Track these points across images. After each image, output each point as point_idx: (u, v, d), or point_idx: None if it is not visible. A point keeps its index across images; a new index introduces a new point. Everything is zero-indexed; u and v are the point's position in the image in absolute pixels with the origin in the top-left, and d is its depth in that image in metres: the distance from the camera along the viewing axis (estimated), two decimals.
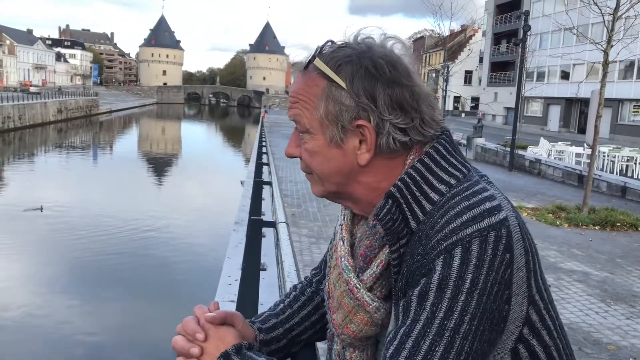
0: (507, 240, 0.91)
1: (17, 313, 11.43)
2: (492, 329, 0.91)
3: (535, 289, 0.97)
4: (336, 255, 1.15)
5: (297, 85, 1.08)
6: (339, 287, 1.11)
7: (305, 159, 1.09)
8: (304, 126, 1.06)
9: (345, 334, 1.10)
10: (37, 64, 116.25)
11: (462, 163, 1.06)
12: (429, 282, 0.91)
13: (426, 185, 1.01)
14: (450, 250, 0.91)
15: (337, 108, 1.03)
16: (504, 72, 61.00)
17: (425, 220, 0.98)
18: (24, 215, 19.59)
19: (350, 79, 1.01)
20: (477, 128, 26.32)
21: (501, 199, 0.98)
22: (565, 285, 7.15)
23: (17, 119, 49.29)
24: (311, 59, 1.06)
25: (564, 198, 13.98)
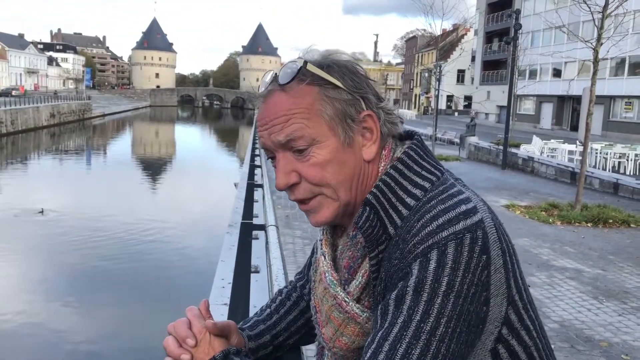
0: (483, 242, 0.92)
1: (12, 316, 11.38)
2: (469, 331, 0.92)
3: (515, 289, 0.98)
4: (319, 270, 1.15)
5: (284, 103, 1.04)
6: (326, 301, 1.11)
7: (315, 176, 1.04)
8: (310, 137, 1.03)
9: (337, 347, 1.10)
10: (29, 68, 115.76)
11: (435, 166, 1.08)
12: (406, 286, 0.92)
13: (401, 190, 1.03)
14: (427, 254, 0.92)
15: (342, 105, 1.04)
16: (496, 70, 61.21)
17: (402, 225, 0.99)
18: (20, 219, 19.51)
19: (340, 76, 1.04)
20: (469, 127, 26.41)
21: (477, 201, 1.00)
22: (557, 282, 7.19)
23: (9, 123, 49.06)
24: (294, 74, 1.04)
25: (557, 196, 14.04)
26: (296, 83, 1.03)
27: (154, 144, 58.75)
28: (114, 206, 22.83)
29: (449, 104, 76.63)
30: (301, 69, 1.04)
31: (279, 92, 1.05)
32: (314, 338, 1.33)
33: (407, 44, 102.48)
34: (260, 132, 1.08)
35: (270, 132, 1.05)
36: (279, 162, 1.06)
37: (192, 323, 1.11)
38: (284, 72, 1.05)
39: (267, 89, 1.08)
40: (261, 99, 1.10)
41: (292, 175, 1.05)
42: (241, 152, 40.79)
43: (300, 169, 1.05)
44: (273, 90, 1.06)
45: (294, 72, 1.04)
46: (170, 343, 1.09)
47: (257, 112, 1.11)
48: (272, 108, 1.05)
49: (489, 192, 14.36)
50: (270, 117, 1.05)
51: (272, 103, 1.06)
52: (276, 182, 1.07)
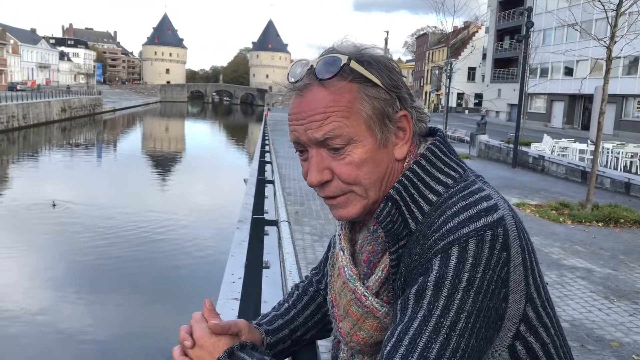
0: (503, 239, 0.93)
1: (23, 309, 11.49)
2: (488, 327, 0.93)
3: (533, 286, 0.98)
4: (338, 265, 1.16)
5: (323, 100, 1.02)
6: (344, 296, 1.11)
7: (349, 175, 1.03)
8: (348, 137, 1.01)
9: (354, 341, 1.10)
10: (40, 63, 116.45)
11: (458, 163, 1.08)
12: (426, 281, 0.93)
13: (424, 186, 1.03)
14: (447, 250, 0.92)
15: (381, 104, 1.03)
16: (507, 68, 60.89)
17: (423, 220, 1.00)
18: (32, 211, 19.69)
19: (379, 74, 1.03)
20: (480, 125, 26.29)
21: (497, 198, 1.00)
22: (568, 282, 7.16)
23: (21, 118, 49.44)
24: (336, 69, 1.01)
25: (568, 195, 13.96)
26: (337, 79, 1.02)
27: (164, 140, 58.97)
28: (124, 201, 22.97)
29: (460, 102, 76.33)
30: (344, 66, 1.02)
31: (318, 87, 1.03)
32: (329, 333, 1.34)
33: (417, 41, 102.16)
34: (294, 125, 1.06)
35: (307, 128, 1.03)
36: (312, 159, 1.05)
37: (194, 328, 1.09)
38: (325, 67, 1.03)
39: (303, 81, 1.04)
40: (295, 91, 1.07)
41: (325, 172, 1.04)
42: (250, 148, 40.88)
43: (334, 167, 1.04)
44: (310, 84, 1.03)
45: (337, 68, 1.01)
46: (175, 351, 1.09)
47: (290, 105, 1.07)
48: (310, 103, 1.03)
49: (500, 191, 14.21)
50: (308, 112, 1.03)
51: (310, 98, 1.03)
52: (308, 179, 1.06)
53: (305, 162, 1.08)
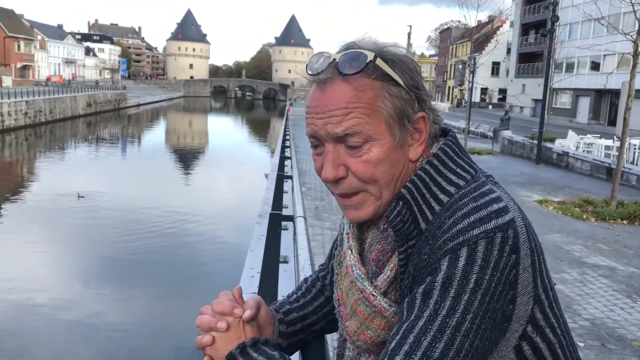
0: (513, 242, 0.93)
1: (48, 300, 11.74)
2: (494, 328, 0.93)
3: (541, 288, 0.99)
4: (345, 263, 1.16)
5: (345, 95, 1.01)
6: (352, 295, 1.11)
7: (366, 173, 1.03)
8: (367, 134, 1.01)
9: (361, 340, 1.10)
10: (67, 58, 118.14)
11: (469, 164, 1.08)
12: (434, 281, 0.93)
13: (435, 186, 1.03)
14: (456, 250, 0.93)
15: (402, 104, 1.03)
16: (532, 63, 60.06)
17: (433, 220, 1.00)
18: (59, 204, 20.08)
19: (402, 73, 1.03)
20: (504, 120, 25.98)
21: (508, 200, 1.00)
22: (590, 280, 7.07)
23: (47, 112, 50.30)
24: (362, 65, 1.00)
25: (592, 192, 13.75)
26: (361, 75, 1.00)
27: (187, 134, 59.48)
28: (147, 194, 23.27)
29: (483, 97, 75.54)
30: (369, 63, 1.01)
31: (341, 82, 1.01)
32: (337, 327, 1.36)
33: (441, 36, 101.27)
34: (312, 119, 1.05)
35: (327, 122, 1.02)
36: (328, 154, 1.04)
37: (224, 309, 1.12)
38: (350, 62, 1.01)
39: (325, 75, 1.03)
40: (316, 83, 1.05)
41: (340, 168, 1.04)
42: (272, 143, 41.01)
43: (350, 164, 1.03)
44: (333, 78, 1.02)
45: (362, 64, 1.00)
46: (204, 318, 1.10)
47: (310, 97, 1.06)
48: (332, 98, 1.02)
49: (522, 187, 14.16)
50: (329, 107, 1.02)
51: (331, 92, 1.02)
52: (323, 174, 1.05)
53: (318, 157, 1.08)
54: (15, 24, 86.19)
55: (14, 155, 35.81)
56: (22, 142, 40.81)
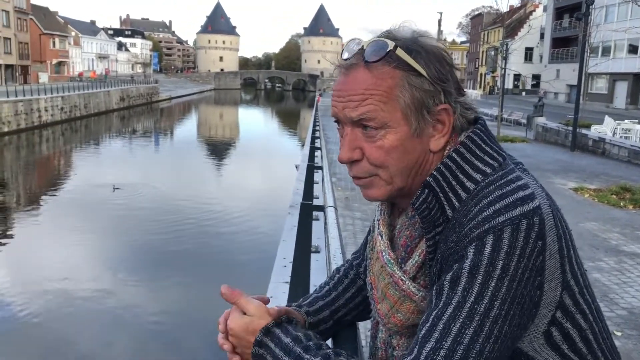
0: (539, 228, 0.94)
1: (83, 289, 12.05)
2: (522, 314, 0.94)
3: (570, 274, 0.99)
4: (376, 249, 1.19)
5: (364, 82, 1.04)
6: (382, 279, 1.14)
7: (377, 158, 1.06)
8: (382, 121, 1.04)
9: (391, 322, 1.13)
10: (100, 53, 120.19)
11: (498, 151, 1.08)
12: (461, 268, 0.95)
13: (462, 174, 1.04)
14: (482, 238, 0.94)
15: (422, 95, 1.04)
16: (566, 48, 58.67)
17: (460, 208, 1.01)
18: (94, 195, 20.57)
19: (426, 65, 1.04)
20: (537, 107, 25.52)
21: (535, 187, 1.00)
22: (627, 268, 6.93)
23: (82, 107, 51.37)
24: (382, 54, 1.03)
25: (630, 179, 13.42)
26: (381, 63, 1.03)
27: (219, 127, 60.04)
28: (180, 186, 23.62)
29: (516, 84, 74.15)
30: (390, 52, 1.03)
31: (363, 68, 1.05)
32: (370, 315, 1.38)
33: (472, 22, 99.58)
34: (335, 101, 1.09)
35: (345, 106, 1.06)
36: (346, 136, 1.08)
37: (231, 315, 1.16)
38: (372, 50, 1.04)
39: (351, 60, 1.07)
40: (342, 69, 1.09)
41: (356, 151, 1.07)
42: (302, 134, 41.10)
43: (365, 148, 1.06)
44: (357, 64, 1.06)
45: (382, 53, 1.03)
46: (220, 330, 1.16)
47: (337, 80, 1.10)
48: (352, 83, 1.05)
49: (557, 175, 13.91)
50: (348, 91, 1.05)
51: (352, 77, 1.06)
52: (340, 155, 1.09)
53: (341, 138, 1.12)
54: (50, 21, 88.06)
55: (51, 150, 36.73)
56: (59, 136, 41.80)
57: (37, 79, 72.62)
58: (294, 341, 1.07)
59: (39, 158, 33.35)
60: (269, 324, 1.10)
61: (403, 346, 1.16)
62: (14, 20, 70.66)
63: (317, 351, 1.04)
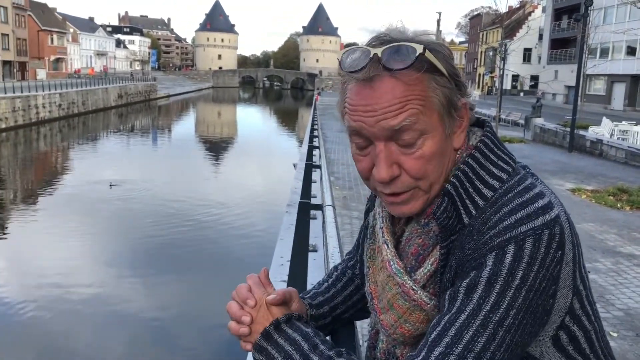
0: (560, 238, 0.93)
1: (81, 286, 12.04)
2: (534, 322, 0.94)
3: (579, 279, 0.99)
4: (381, 258, 1.15)
5: (397, 90, 0.98)
6: (389, 289, 1.11)
7: (419, 169, 1.01)
8: (422, 127, 0.99)
9: (398, 333, 1.10)
10: (98, 50, 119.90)
11: (509, 155, 1.07)
12: (479, 276, 0.93)
13: (479, 181, 1.03)
14: (504, 247, 0.92)
15: (449, 93, 1.02)
16: (564, 49, 58.72)
17: (477, 215, 1.00)
18: (91, 192, 20.53)
19: (443, 62, 1.01)
20: (535, 107, 25.53)
21: (550, 194, 1.00)
22: (624, 269, 6.94)
23: (80, 104, 51.28)
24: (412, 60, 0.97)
25: (627, 180, 13.45)
26: (409, 70, 0.97)
27: (217, 125, 59.98)
28: (178, 184, 23.59)
29: (514, 84, 74.23)
30: (419, 56, 0.97)
31: (389, 77, 0.98)
32: (367, 314, 1.37)
33: (471, 22, 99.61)
34: (360, 116, 1.01)
35: (380, 118, 0.98)
36: (381, 153, 1.01)
37: (252, 289, 1.15)
38: (394, 56, 0.98)
39: (370, 72, 0.99)
40: (359, 81, 1.01)
41: (394, 167, 1.01)
42: (300, 132, 41.10)
43: (403, 162, 1.01)
44: (380, 75, 0.99)
45: (411, 59, 0.97)
46: (232, 306, 1.13)
47: (353, 95, 1.02)
48: (384, 95, 0.98)
49: (554, 176, 13.93)
50: (382, 104, 0.98)
51: (382, 89, 0.98)
52: (378, 175, 1.02)
53: (364, 157, 1.05)
54: (48, 17, 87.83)
55: (48, 146, 36.65)
56: (57, 133, 41.72)
57: (35, 76, 72.42)
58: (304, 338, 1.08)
59: (37, 155, 33.27)
60: (280, 318, 1.10)
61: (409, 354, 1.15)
62: (12, 16, 70.47)
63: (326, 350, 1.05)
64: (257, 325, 1.10)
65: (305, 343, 1.06)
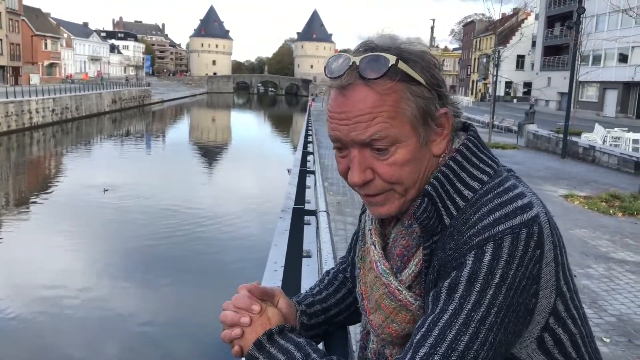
0: (538, 237, 0.94)
1: (73, 293, 11.96)
2: (517, 321, 0.95)
3: (563, 280, 1.00)
4: (369, 259, 1.17)
5: (368, 101, 1.00)
6: (376, 289, 1.13)
7: (392, 175, 1.04)
8: (393, 138, 1.01)
9: (386, 333, 1.12)
10: (92, 55, 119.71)
11: (492, 158, 1.09)
12: (460, 275, 0.95)
13: (460, 182, 1.04)
14: (482, 246, 0.94)
15: (425, 103, 1.02)
16: (557, 56, 59.11)
17: (457, 216, 1.01)
18: (83, 198, 20.44)
19: (422, 72, 1.03)
20: (528, 114, 25.65)
21: (531, 195, 1.01)
22: (616, 275, 6.97)
23: (74, 109, 51.11)
24: (384, 70, 0.99)
25: (619, 186, 13.51)
26: (383, 79, 1.00)
27: (211, 130, 59.91)
28: (172, 189, 23.53)
29: (508, 91, 74.59)
30: (391, 67, 0.99)
31: (363, 86, 1.01)
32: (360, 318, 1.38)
33: (464, 29, 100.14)
34: (336, 124, 1.04)
35: (352, 129, 1.01)
36: (354, 158, 1.04)
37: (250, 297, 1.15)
38: (371, 66, 1.00)
39: (346, 79, 1.02)
40: (337, 88, 1.03)
41: (367, 172, 1.04)
42: (294, 138, 41.08)
43: (376, 167, 1.04)
44: (355, 83, 1.01)
45: (385, 68, 0.99)
46: (228, 314, 1.13)
47: (331, 101, 1.05)
48: (356, 104, 1.00)
49: (547, 182, 13.99)
50: (354, 112, 1.01)
51: (353, 97, 1.01)
52: (351, 179, 1.05)
53: (343, 159, 1.08)
54: (42, 22, 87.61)
55: (41, 152, 36.50)
56: (50, 138, 41.56)
57: (29, 81, 72.18)
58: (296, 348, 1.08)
59: (30, 160, 33.13)
60: (273, 328, 1.10)
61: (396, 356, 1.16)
62: (5, 21, 70.24)
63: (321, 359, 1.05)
64: (251, 334, 1.10)
65: (298, 352, 1.06)
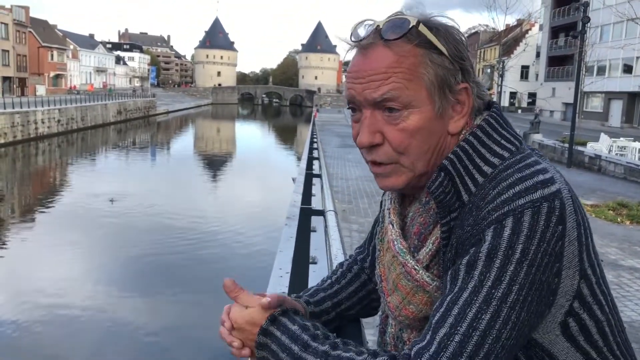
0: (560, 212, 0.90)
1: (78, 302, 11.93)
2: (540, 301, 0.91)
3: (588, 262, 0.96)
4: (387, 238, 1.14)
5: (386, 60, 0.99)
6: (393, 269, 1.10)
7: (401, 141, 1.01)
8: (407, 100, 0.99)
9: (403, 315, 1.09)
10: (98, 67, 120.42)
11: (514, 136, 1.05)
12: (478, 252, 0.91)
13: (479, 158, 1.01)
14: (502, 220, 0.90)
15: (444, 72, 1.00)
16: (562, 66, 59.12)
17: (476, 192, 0.98)
18: (89, 209, 20.45)
19: (446, 42, 1.01)
20: (534, 124, 25.65)
21: (554, 172, 0.97)
22: (626, 283, 6.90)
23: (79, 120, 51.35)
24: (404, 31, 0.99)
25: (626, 195, 13.45)
26: (402, 41, 0.99)
27: (215, 141, 60.03)
28: (177, 199, 23.54)
29: (512, 101, 74.57)
30: (412, 29, 0.99)
31: (382, 47, 1.00)
32: (374, 311, 1.34)
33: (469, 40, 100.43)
34: (351, 83, 1.03)
35: (365, 87, 1.01)
36: (365, 119, 1.03)
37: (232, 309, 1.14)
38: (392, 27, 1.00)
39: (368, 40, 1.02)
40: (358, 49, 1.04)
41: (377, 135, 1.02)
42: (299, 149, 41.11)
43: (386, 132, 1.02)
44: (374, 43, 1.01)
45: (404, 30, 0.99)
46: (223, 333, 1.14)
47: (351, 61, 1.05)
48: (373, 62, 1.00)
49: None
50: (369, 71, 1.00)
51: (371, 56, 1.01)
52: (359, 139, 1.03)
53: (356, 124, 1.06)
54: (48, 34, 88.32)
55: (47, 162, 36.62)
56: (55, 149, 41.70)
57: (35, 92, 72.65)
58: (301, 329, 1.04)
59: (35, 170, 33.23)
60: (276, 312, 1.08)
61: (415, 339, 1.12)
62: (12, 32, 70.87)
63: (325, 340, 1.01)
64: (253, 327, 1.08)
65: (304, 333, 1.03)
